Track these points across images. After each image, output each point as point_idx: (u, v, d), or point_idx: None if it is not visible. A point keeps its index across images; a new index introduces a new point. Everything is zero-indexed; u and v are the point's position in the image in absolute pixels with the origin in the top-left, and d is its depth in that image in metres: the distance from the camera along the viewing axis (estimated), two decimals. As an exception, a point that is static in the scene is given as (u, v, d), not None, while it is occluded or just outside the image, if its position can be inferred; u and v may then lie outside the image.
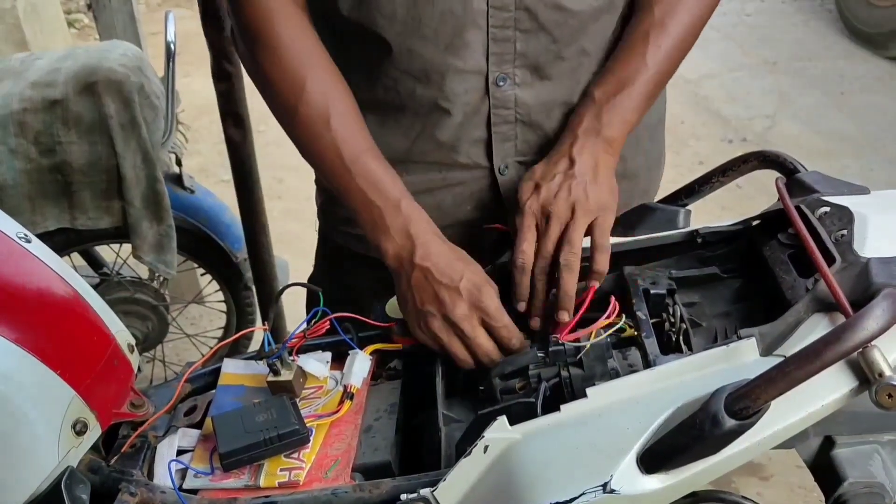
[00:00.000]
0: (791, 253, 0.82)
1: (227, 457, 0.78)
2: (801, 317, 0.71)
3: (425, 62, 0.94)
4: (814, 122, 3.69)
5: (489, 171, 1.02)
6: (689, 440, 0.64)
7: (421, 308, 0.87)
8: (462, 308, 0.85)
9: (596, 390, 0.71)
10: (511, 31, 0.93)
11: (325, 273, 1.24)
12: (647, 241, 0.91)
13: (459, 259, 0.88)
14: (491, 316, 0.85)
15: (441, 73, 0.94)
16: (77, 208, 1.74)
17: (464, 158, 1.01)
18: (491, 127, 0.99)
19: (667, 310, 0.86)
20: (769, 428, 0.66)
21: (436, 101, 0.96)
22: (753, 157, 0.93)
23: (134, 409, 0.86)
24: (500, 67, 0.95)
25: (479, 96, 0.97)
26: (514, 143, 1.01)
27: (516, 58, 0.95)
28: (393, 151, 1.00)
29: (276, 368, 0.85)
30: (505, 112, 0.98)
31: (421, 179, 1.02)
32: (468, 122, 0.98)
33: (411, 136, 1.01)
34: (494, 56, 0.95)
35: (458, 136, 0.99)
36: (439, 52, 0.93)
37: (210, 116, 1.85)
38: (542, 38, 0.94)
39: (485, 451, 0.70)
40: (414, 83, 0.96)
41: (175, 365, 2.31)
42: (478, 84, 0.96)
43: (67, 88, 1.65)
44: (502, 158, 1.01)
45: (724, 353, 0.71)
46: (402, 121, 1.00)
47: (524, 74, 0.97)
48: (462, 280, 0.86)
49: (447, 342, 0.87)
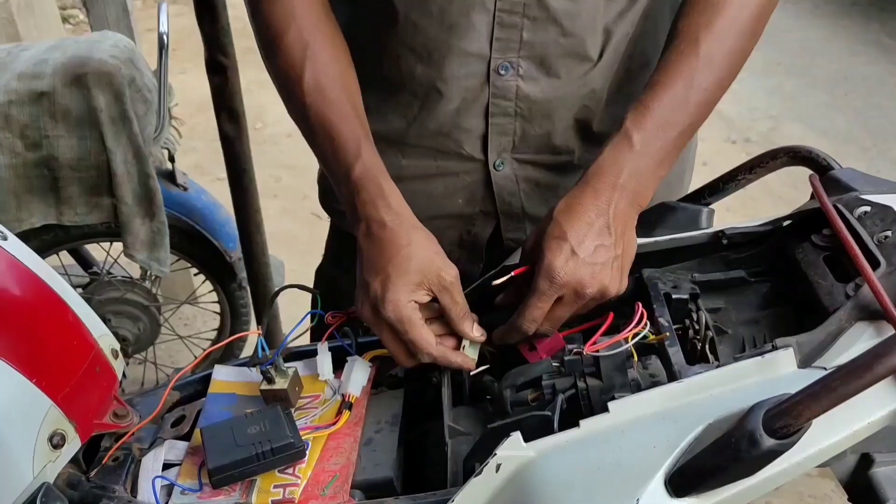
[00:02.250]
0: (827, 255, 0.76)
1: (216, 472, 0.74)
2: (842, 325, 0.66)
3: (427, 39, 0.91)
4: (818, 123, 3.69)
5: (483, 164, 0.99)
6: (724, 461, 0.59)
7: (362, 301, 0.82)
8: (367, 311, 0.81)
9: (618, 404, 0.67)
10: (519, 18, 0.90)
11: (335, 262, 1.20)
12: (667, 243, 0.86)
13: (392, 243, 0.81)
14: (392, 327, 0.79)
15: (442, 52, 0.91)
16: (65, 204, 1.70)
17: (458, 148, 0.98)
18: (489, 118, 0.95)
19: (690, 316, 0.81)
20: (810, 447, 0.62)
21: (434, 81, 0.94)
22: (783, 153, 0.88)
23: (117, 419, 0.82)
24: (503, 55, 0.92)
25: (478, 83, 0.94)
26: (512, 139, 0.98)
27: (522, 47, 0.91)
28: (391, 131, 0.98)
29: (269, 376, 0.81)
30: (504, 103, 0.95)
31: (416, 165, 1.00)
32: (466, 109, 0.95)
33: (409, 118, 0.98)
34: (499, 42, 0.91)
35: (455, 122, 0.96)
36: (443, 31, 0.90)
37: (206, 113, 1.82)
38: (551, 29, 0.90)
39: (497, 470, 0.66)
40: (415, 60, 0.93)
41: (167, 367, 2.29)
42: (478, 69, 0.93)
43: (55, 80, 1.61)
44: (498, 153, 0.98)
45: (759, 365, 0.66)
46: (401, 100, 0.98)
47: (529, 66, 0.93)
48: (377, 278, 0.79)
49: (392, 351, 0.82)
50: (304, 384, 0.85)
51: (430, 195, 1.01)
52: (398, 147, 0.99)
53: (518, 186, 1.01)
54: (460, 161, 0.99)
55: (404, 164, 1.00)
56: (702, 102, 0.83)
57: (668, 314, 0.79)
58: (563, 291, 0.78)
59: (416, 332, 0.79)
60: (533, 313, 0.79)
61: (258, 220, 1.81)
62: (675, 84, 0.82)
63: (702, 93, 0.83)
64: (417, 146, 0.99)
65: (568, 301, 0.79)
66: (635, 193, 0.81)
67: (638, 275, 0.84)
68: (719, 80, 0.84)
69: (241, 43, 1.56)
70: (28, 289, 0.77)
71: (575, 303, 0.79)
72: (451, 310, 0.81)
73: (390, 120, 0.98)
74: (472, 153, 0.98)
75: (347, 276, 1.05)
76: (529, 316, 0.79)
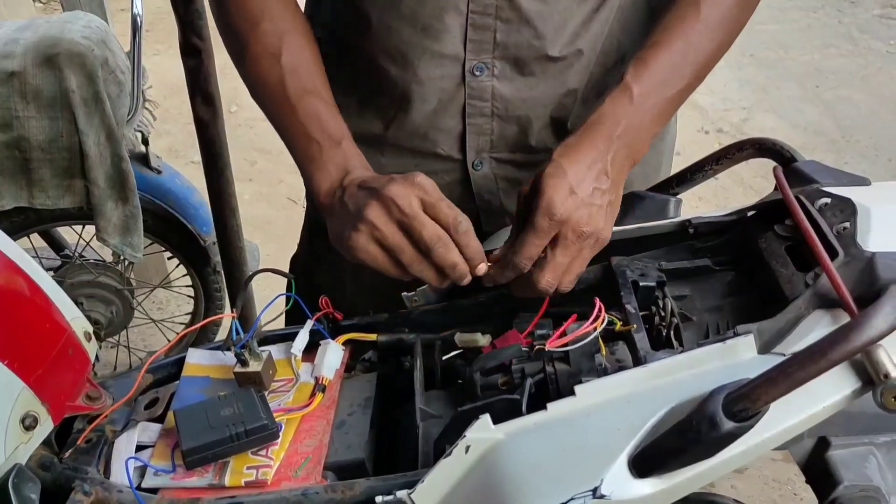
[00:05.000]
0: (789, 245, 0.78)
1: (190, 453, 0.73)
2: (801, 313, 0.68)
3: (401, 41, 0.91)
4: (790, 115, 3.73)
5: (461, 164, 1.00)
6: (685, 443, 0.61)
7: (357, 218, 0.78)
8: (398, 188, 0.76)
9: (584, 388, 0.68)
10: (491, 20, 0.90)
11: (310, 252, 1.20)
12: (636, 231, 0.87)
13: (371, 179, 0.81)
14: (427, 192, 0.77)
15: (416, 54, 0.92)
16: (36, 187, 1.68)
17: (436, 148, 0.98)
18: (465, 118, 0.96)
19: (656, 303, 0.82)
20: (768, 430, 0.63)
21: (409, 84, 0.94)
22: (749, 145, 0.90)
23: (90, 401, 0.81)
24: (477, 56, 0.92)
25: (454, 84, 0.94)
26: (490, 138, 0.98)
27: (496, 48, 0.92)
28: (370, 133, 0.98)
29: (243, 359, 0.81)
30: (481, 104, 0.95)
31: (394, 163, 1.00)
32: (442, 110, 0.96)
33: (386, 120, 0.98)
34: (472, 43, 0.91)
35: (432, 123, 0.97)
36: (416, 33, 0.90)
37: (180, 97, 1.81)
38: (524, 30, 0.91)
39: (466, 452, 0.66)
40: (389, 63, 0.93)
41: (140, 351, 2.27)
42: (453, 71, 0.93)
43: (26, 60, 1.58)
44: (476, 153, 0.99)
45: (720, 351, 0.68)
46: (378, 102, 0.98)
47: (503, 67, 0.93)
48: (366, 191, 0.79)
49: (395, 244, 0.77)
50: (278, 368, 0.85)
51: None
52: (377, 147, 0.98)
53: (497, 185, 1.02)
54: (438, 161, 0.99)
55: (384, 162, 0.99)
56: (699, 64, 0.85)
57: (635, 301, 0.80)
58: (561, 229, 0.77)
59: (424, 219, 0.76)
60: (530, 250, 0.78)
61: (233, 204, 1.79)
62: (675, 44, 0.84)
63: (700, 54, 0.85)
64: (396, 146, 0.99)
65: (568, 243, 0.78)
66: (631, 146, 0.82)
67: (606, 263, 0.85)
68: (717, 45, 0.86)
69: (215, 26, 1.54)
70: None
71: (574, 245, 0.78)
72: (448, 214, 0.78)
73: (369, 121, 0.98)
74: (450, 153, 0.99)
75: (322, 265, 1.05)
76: (526, 252, 0.78)
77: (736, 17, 0.88)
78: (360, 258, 0.80)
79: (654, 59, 0.84)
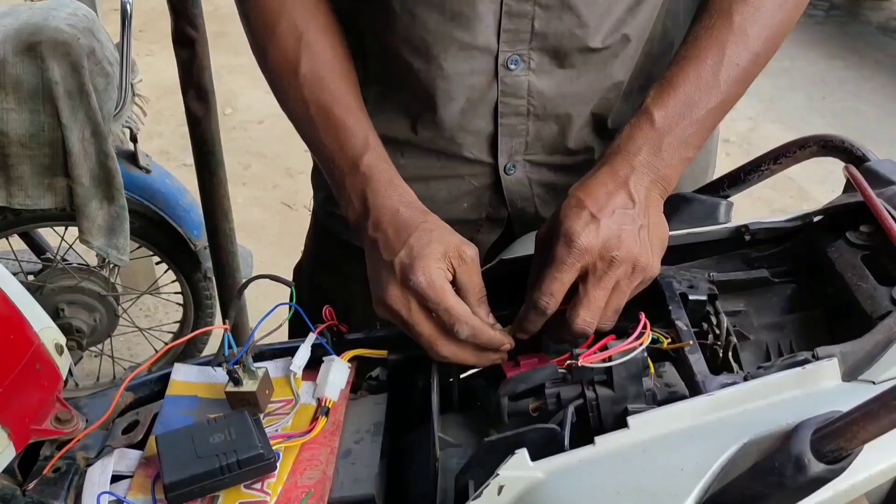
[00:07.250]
0: (865, 255, 0.70)
1: (173, 487, 0.68)
2: (892, 334, 0.60)
3: (426, 31, 0.84)
4: (796, 125, 3.74)
5: (493, 168, 0.93)
6: (766, 487, 0.54)
7: (372, 287, 0.78)
8: (393, 290, 0.74)
9: (639, 419, 0.60)
10: (530, 6, 0.82)
11: (316, 258, 1.14)
12: (683, 238, 0.80)
13: (409, 223, 0.76)
14: (424, 296, 0.72)
15: (442, 46, 0.84)
16: (15, 185, 1.63)
17: (464, 151, 0.91)
18: (498, 118, 0.89)
19: (708, 319, 0.74)
20: (861, 472, 0.56)
21: (434, 79, 0.87)
22: (813, 142, 0.82)
23: (59, 424, 0.76)
24: (512, 47, 0.85)
25: (485, 80, 0.87)
26: (525, 140, 0.91)
27: (533, 38, 0.84)
28: (390, 131, 0.92)
29: (236, 377, 0.76)
30: (515, 102, 0.88)
31: (416, 164, 0.93)
32: (471, 109, 0.88)
33: (410, 118, 0.92)
34: (507, 33, 0.84)
35: (459, 124, 0.89)
36: (444, 22, 0.83)
37: (174, 97, 1.78)
38: (566, 17, 0.83)
39: (499, 493, 0.59)
40: (413, 56, 0.86)
41: (125, 361, 2.23)
42: (485, 65, 0.86)
43: (6, 48, 1.53)
44: (509, 156, 0.92)
45: (798, 377, 0.60)
46: (400, 98, 0.92)
47: (541, 59, 0.86)
48: (400, 251, 0.74)
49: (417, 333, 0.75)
50: (276, 387, 0.79)
51: (431, 198, 0.92)
52: (397, 146, 0.92)
53: (532, 191, 0.94)
54: (466, 164, 0.93)
55: (403, 163, 0.92)
56: (734, 80, 0.77)
57: (686, 317, 0.72)
58: (587, 259, 0.70)
59: (451, 299, 0.72)
60: (551, 285, 0.71)
61: (226, 207, 1.75)
62: (704, 59, 0.76)
63: (734, 69, 0.77)
64: (417, 146, 0.93)
65: (600, 274, 0.71)
66: (657, 174, 0.75)
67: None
68: (754, 56, 0.78)
69: (211, 27, 1.53)
70: (-44, 274, 0.69)
71: (607, 275, 0.71)
72: (470, 290, 0.75)
73: (390, 118, 0.92)
74: (478, 156, 0.92)
75: (328, 274, 0.97)
76: (546, 288, 0.71)
77: (776, 21, 0.80)
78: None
79: (681, 76, 0.77)
